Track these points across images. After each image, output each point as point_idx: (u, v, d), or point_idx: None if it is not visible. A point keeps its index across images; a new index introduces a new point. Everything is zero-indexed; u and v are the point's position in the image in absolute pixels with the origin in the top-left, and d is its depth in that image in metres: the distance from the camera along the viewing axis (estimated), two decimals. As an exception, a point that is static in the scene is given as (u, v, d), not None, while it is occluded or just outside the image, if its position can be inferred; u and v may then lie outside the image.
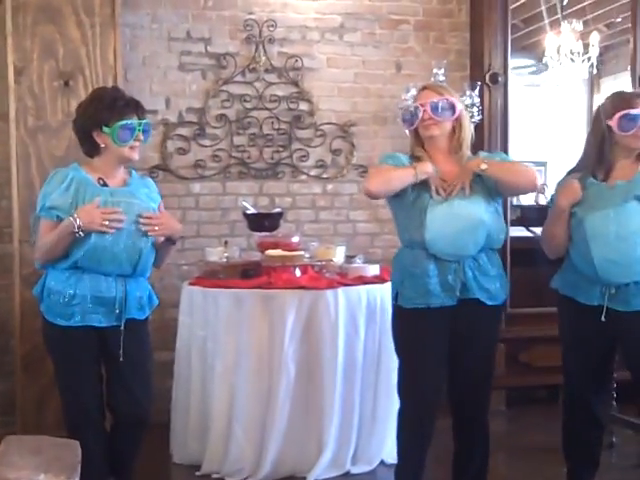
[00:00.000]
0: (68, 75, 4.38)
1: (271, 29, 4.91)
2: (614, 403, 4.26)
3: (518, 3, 5.39)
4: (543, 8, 5.85)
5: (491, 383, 3.27)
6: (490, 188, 3.10)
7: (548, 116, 6.45)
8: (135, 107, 3.12)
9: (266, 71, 4.94)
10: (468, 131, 3.19)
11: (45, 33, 4.34)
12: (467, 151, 3.18)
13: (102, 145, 3.09)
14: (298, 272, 4.00)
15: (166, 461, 4.06)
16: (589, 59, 5.97)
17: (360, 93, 5.09)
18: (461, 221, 3.02)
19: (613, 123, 3.05)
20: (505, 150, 5.02)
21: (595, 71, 6.10)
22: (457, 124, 3.14)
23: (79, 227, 2.93)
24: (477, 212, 3.05)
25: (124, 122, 3.04)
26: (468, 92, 4.84)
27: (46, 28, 4.34)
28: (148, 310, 3.24)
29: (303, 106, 5.00)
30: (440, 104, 3.09)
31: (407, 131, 3.24)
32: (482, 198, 3.07)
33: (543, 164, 6.76)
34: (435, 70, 4.73)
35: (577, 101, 6.60)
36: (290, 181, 5.02)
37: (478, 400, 3.21)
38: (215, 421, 3.86)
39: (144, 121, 3.13)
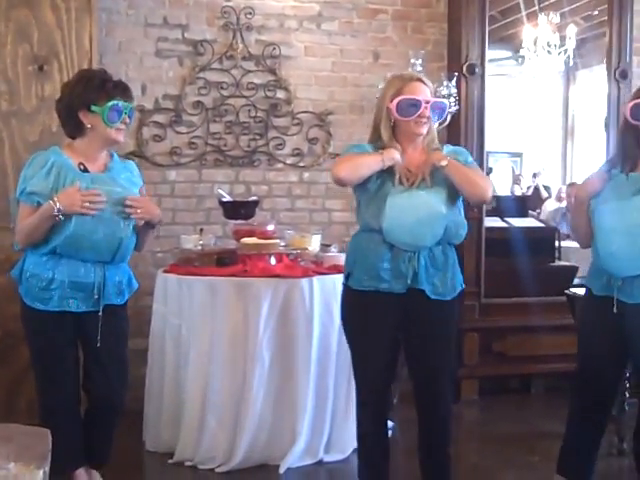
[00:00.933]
0: (43, 60, 4.33)
1: (249, 16, 4.89)
2: (626, 407, 4.21)
3: (496, -6, 5.40)
4: (520, 0, 5.87)
5: (449, 375, 3.22)
6: (451, 183, 3.10)
7: (524, 107, 6.48)
8: (123, 90, 3.11)
9: (243, 59, 4.92)
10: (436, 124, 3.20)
11: (20, 17, 4.28)
12: (437, 143, 3.18)
13: (88, 125, 3.06)
14: (273, 260, 4.00)
15: (139, 448, 4.05)
16: (565, 51, 6.00)
17: (337, 82, 5.09)
18: (420, 211, 3.01)
19: (626, 111, 3.01)
20: (481, 141, 5.05)
21: (571, 63, 6.14)
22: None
23: (59, 210, 2.91)
24: (437, 204, 3.03)
25: (114, 102, 3.02)
26: (445, 82, 4.86)
27: (21, 12, 4.28)
28: (127, 294, 3.24)
29: (280, 94, 4.99)
30: (443, 107, 3.14)
31: (381, 118, 3.14)
32: (444, 191, 3.05)
33: (519, 155, 6.82)
34: (413, 60, 4.75)
35: (553, 93, 6.64)
36: (266, 169, 5.01)
37: (434, 390, 3.16)
38: (188, 409, 3.85)
39: (130, 104, 3.12)
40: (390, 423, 4.12)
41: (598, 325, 3.12)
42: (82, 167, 3.07)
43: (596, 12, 5.74)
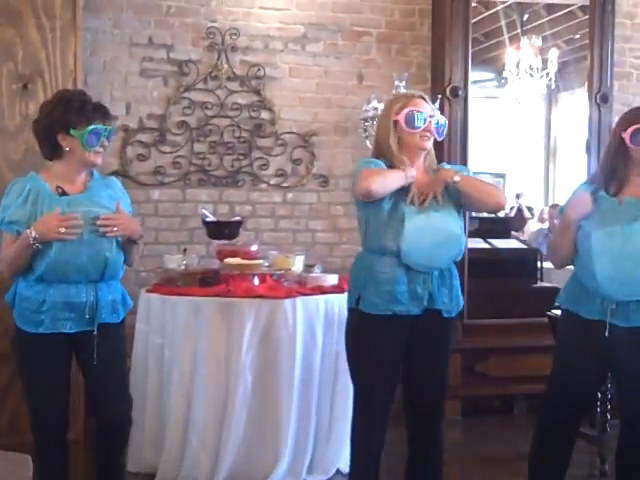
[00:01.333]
0: (27, 78, 4.32)
1: (234, 37, 4.91)
2: (608, 428, 4.25)
3: (479, 17, 5.46)
4: (503, 23, 5.93)
5: (446, 393, 3.28)
6: (456, 201, 3.14)
7: (507, 129, 6.54)
8: (102, 112, 3.08)
9: (228, 79, 4.94)
10: None
11: (4, 35, 4.28)
12: (433, 163, 3.23)
13: (66, 149, 3.03)
14: (257, 281, 4.00)
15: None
16: (547, 74, 6.07)
17: (321, 103, 5.11)
18: (439, 234, 3.04)
19: (626, 136, 3.00)
20: (464, 162, 5.08)
21: (553, 86, 6.20)
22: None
23: (35, 239, 2.88)
24: (453, 225, 3.09)
25: (94, 126, 3.00)
26: (429, 105, 4.89)
27: (5, 30, 4.28)
28: (123, 313, 3.18)
29: (264, 115, 5.01)
30: (445, 123, 3.18)
31: (385, 134, 3.15)
32: (454, 210, 3.11)
33: (502, 175, 6.85)
34: (397, 82, 4.77)
35: (535, 115, 6.70)
36: (250, 189, 5.01)
37: (434, 410, 3.22)
38: (171, 429, 3.83)
39: (110, 127, 3.09)
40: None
41: (584, 348, 3.07)
42: (60, 190, 3.02)
43: (578, 36, 5.81)
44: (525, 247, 6.26)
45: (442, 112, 4.93)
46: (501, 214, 6.73)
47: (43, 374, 3.06)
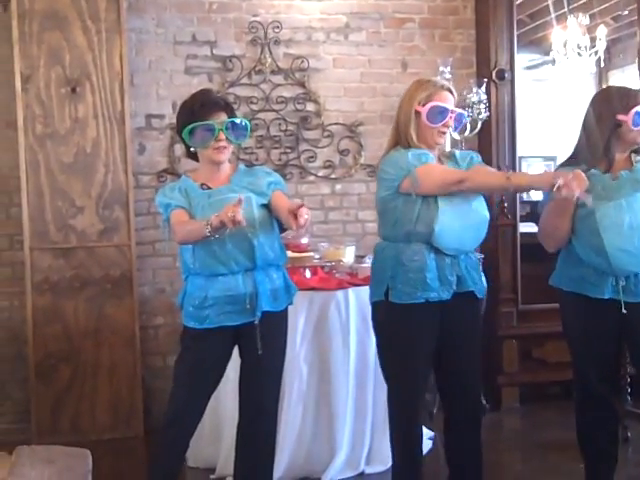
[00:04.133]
0: (75, 81, 4.40)
1: (276, 30, 4.91)
2: (628, 397, 4.26)
3: (524, -2, 5.38)
4: (549, 2, 5.83)
5: (479, 375, 3.25)
6: None
7: (556, 111, 6.43)
8: (208, 109, 3.01)
9: (272, 73, 4.94)
10: None
11: (51, 40, 4.36)
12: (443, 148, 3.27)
13: (192, 149, 3.09)
14: (308, 273, 4.01)
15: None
16: (596, 53, 5.94)
17: (367, 93, 5.09)
18: (470, 217, 3.03)
19: (628, 118, 3.03)
20: (513, 146, 5.03)
21: (603, 64, 6.08)
22: None
23: (210, 230, 2.83)
24: (481, 208, 3.09)
25: (192, 125, 2.99)
26: (475, 89, 4.84)
27: (52, 35, 4.36)
28: (286, 300, 3.14)
29: (310, 107, 5.00)
30: (461, 119, 3.16)
31: (411, 123, 3.10)
32: (480, 194, 3.11)
33: (552, 158, 6.75)
34: (441, 68, 4.72)
35: (585, 95, 6.57)
36: (298, 182, 5.02)
37: (469, 393, 3.18)
38: (227, 425, 3.85)
39: (227, 120, 3.02)
40: (430, 433, 4.12)
41: (599, 328, 3.12)
42: (205, 187, 3.07)
43: (626, 12, 5.68)
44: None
45: (488, 96, 4.90)
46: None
47: (205, 370, 3.08)
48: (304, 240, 4.20)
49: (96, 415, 4.47)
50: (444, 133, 3.10)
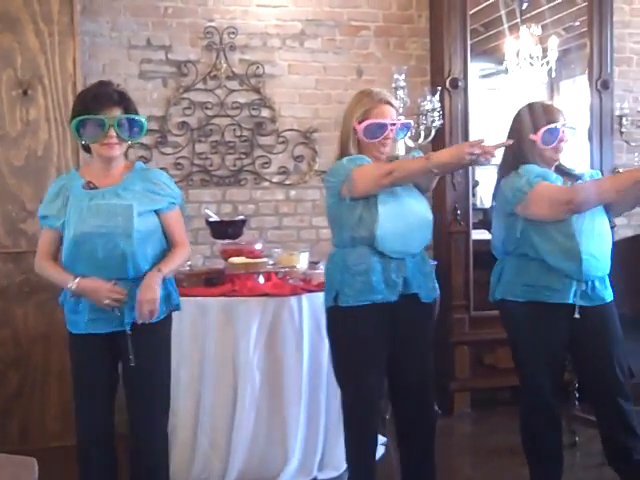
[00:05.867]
0: (27, 84, 4.35)
1: (232, 36, 4.91)
2: (576, 402, 4.32)
3: (478, 8, 5.43)
4: (502, 13, 5.90)
5: (430, 378, 3.26)
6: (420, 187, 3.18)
7: (509, 119, 6.49)
8: (102, 102, 2.89)
9: (227, 78, 4.94)
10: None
11: (3, 42, 4.31)
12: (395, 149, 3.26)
13: (83, 142, 3.00)
14: (262, 279, 4.00)
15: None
16: (548, 63, 6.03)
17: (321, 99, 5.11)
18: (411, 218, 3.07)
19: (537, 138, 3.17)
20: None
21: (554, 75, 6.17)
22: None
23: (72, 291, 2.93)
24: (425, 210, 3.14)
25: (81, 118, 2.89)
26: (429, 97, 4.89)
27: (4, 37, 4.31)
28: (164, 311, 3.02)
29: (265, 113, 5.01)
30: (407, 125, 3.19)
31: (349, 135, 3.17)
32: (422, 195, 3.16)
33: (505, 167, 6.81)
34: (396, 76, 4.77)
35: (537, 104, 6.66)
36: (253, 188, 5.01)
37: (424, 392, 3.21)
38: (181, 429, 3.84)
39: (121, 116, 2.91)
40: (383, 439, 4.14)
41: (550, 333, 3.16)
42: (91, 185, 2.96)
43: (577, 23, 5.78)
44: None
45: (442, 104, 4.95)
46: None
47: (85, 375, 3.03)
48: (258, 246, 4.20)
49: (45, 422, 4.41)
50: (385, 145, 3.12)
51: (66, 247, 2.95)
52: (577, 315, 3.10)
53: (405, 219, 3.05)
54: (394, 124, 3.11)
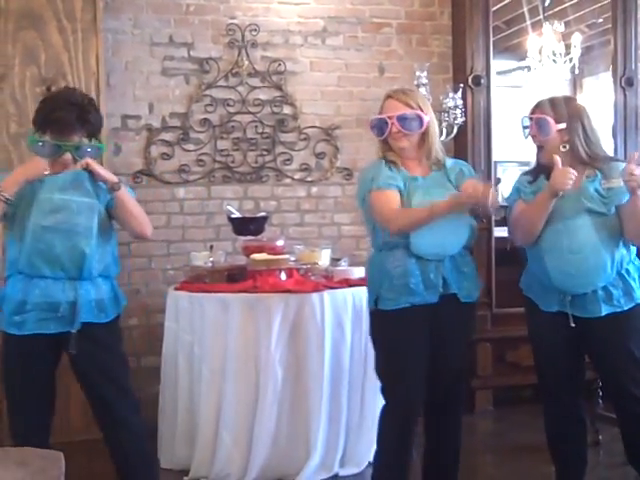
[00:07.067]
0: (50, 81, 4.37)
1: (254, 33, 4.92)
2: (599, 401, 4.29)
3: (500, 5, 5.41)
4: (525, 9, 5.88)
5: (462, 377, 3.30)
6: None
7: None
8: (64, 129, 2.95)
9: (249, 75, 4.95)
10: (437, 137, 3.19)
11: (27, 39, 4.33)
12: (439, 154, 3.18)
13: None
14: (284, 276, 4.00)
15: (154, 467, 4.04)
16: (571, 60, 6.00)
17: (343, 96, 5.10)
18: (447, 222, 3.01)
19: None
20: (489, 151, 5.06)
21: (577, 71, 6.14)
22: (426, 133, 3.12)
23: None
24: (462, 214, 3.08)
25: (40, 140, 2.98)
26: (451, 94, 4.87)
27: (28, 34, 4.33)
28: (113, 313, 3.06)
29: (287, 110, 5.01)
30: (408, 117, 3.08)
31: None
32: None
33: (527, 164, 6.76)
34: (418, 73, 4.76)
35: (560, 102, 6.62)
36: (274, 185, 5.02)
37: (455, 397, 3.24)
38: (202, 426, 3.85)
39: (80, 144, 2.97)
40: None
41: (553, 340, 3.14)
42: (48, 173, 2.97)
43: (601, 20, 5.75)
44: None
45: (465, 101, 4.93)
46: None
47: (23, 376, 3.00)
48: (280, 242, 4.21)
49: (69, 416, 4.43)
50: (401, 137, 3.09)
51: (24, 241, 2.93)
52: (572, 324, 3.05)
53: (440, 223, 2.99)
54: (391, 117, 3.08)
